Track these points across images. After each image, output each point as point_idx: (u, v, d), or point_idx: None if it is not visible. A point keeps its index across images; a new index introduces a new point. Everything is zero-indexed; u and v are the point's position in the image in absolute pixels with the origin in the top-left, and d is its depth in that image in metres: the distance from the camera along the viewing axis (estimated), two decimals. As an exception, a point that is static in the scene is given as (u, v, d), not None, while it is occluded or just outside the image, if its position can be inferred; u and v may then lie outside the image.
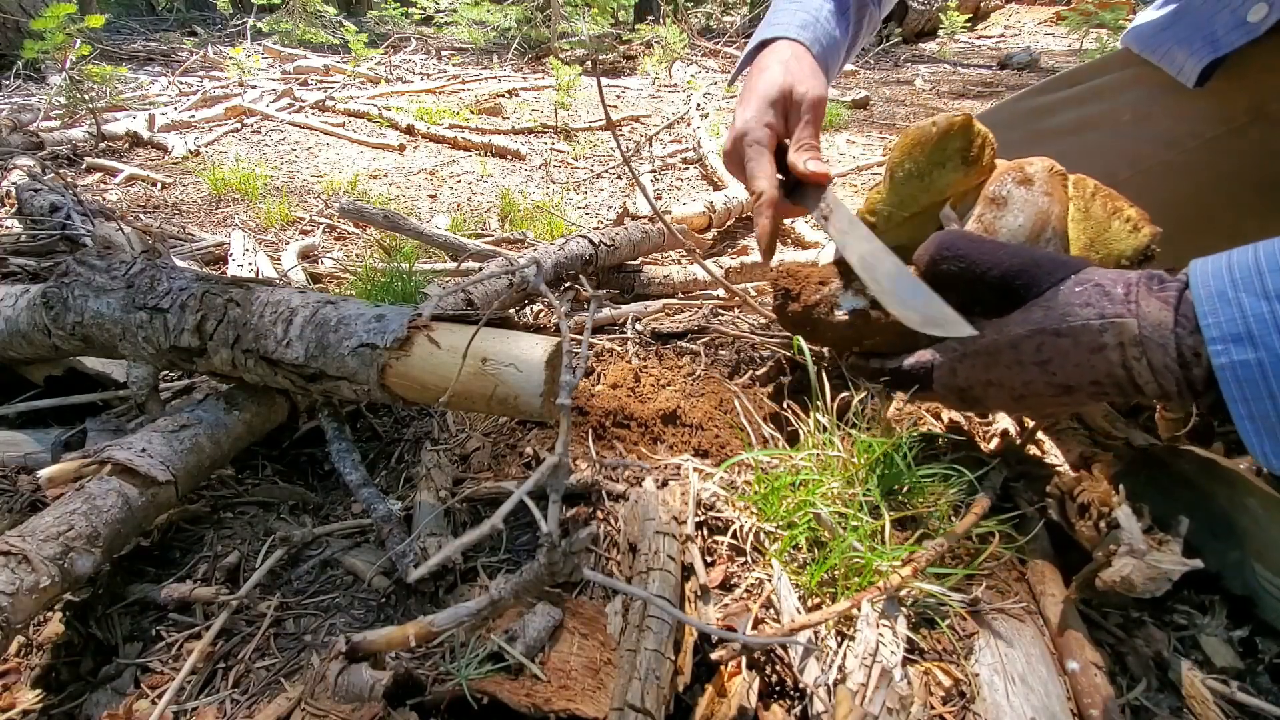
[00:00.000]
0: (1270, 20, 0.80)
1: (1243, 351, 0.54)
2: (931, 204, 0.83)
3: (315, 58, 5.10)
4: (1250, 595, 0.72)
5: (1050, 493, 0.76)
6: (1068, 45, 6.63)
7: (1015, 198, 0.79)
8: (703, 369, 1.17)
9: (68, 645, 0.71)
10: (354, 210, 1.71)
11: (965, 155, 0.80)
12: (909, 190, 0.83)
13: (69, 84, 2.92)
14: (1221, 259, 0.57)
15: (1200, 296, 0.56)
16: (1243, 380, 0.54)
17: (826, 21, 0.96)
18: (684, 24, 6.46)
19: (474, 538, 0.46)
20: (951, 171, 0.81)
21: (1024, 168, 0.81)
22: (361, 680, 0.59)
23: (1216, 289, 0.56)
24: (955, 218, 0.82)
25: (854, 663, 0.64)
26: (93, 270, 0.91)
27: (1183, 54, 0.90)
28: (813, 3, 0.97)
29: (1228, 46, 0.84)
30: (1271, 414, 0.54)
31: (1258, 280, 0.54)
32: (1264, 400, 0.54)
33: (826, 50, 0.95)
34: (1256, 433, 0.55)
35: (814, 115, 0.84)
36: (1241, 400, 0.55)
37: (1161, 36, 0.94)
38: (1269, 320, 0.52)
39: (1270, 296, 0.53)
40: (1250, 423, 0.55)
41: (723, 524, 0.82)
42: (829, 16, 0.97)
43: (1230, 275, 0.55)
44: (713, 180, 2.53)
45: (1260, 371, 0.53)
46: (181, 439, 0.82)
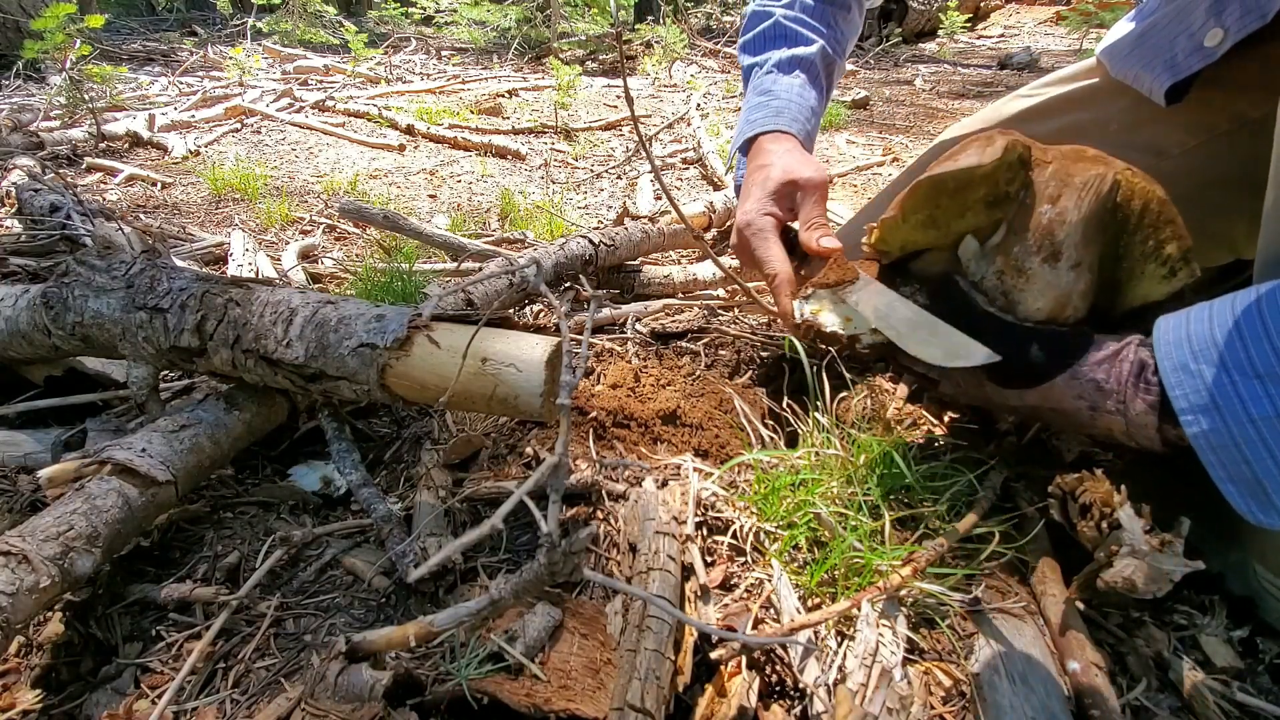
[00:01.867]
0: (1227, 44, 0.80)
1: (1211, 420, 0.57)
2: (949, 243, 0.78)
3: (315, 58, 5.10)
4: (1251, 596, 0.72)
5: (1052, 493, 0.76)
6: (1068, 45, 6.63)
7: (1039, 277, 0.71)
8: (703, 369, 1.17)
9: (68, 645, 0.71)
10: (354, 210, 1.71)
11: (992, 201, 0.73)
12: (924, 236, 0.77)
13: (69, 84, 2.92)
14: (1182, 326, 0.61)
15: (1165, 369, 0.60)
16: (1216, 446, 0.58)
17: (799, 98, 1.02)
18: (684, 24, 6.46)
19: (474, 538, 0.46)
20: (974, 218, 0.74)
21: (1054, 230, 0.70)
22: (361, 680, 0.59)
23: (1179, 361, 0.60)
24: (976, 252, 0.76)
25: (854, 663, 0.64)
26: (93, 270, 0.91)
27: (1147, 77, 0.91)
28: (781, 85, 1.03)
29: (1186, 70, 0.85)
30: (1248, 475, 0.57)
31: (1214, 351, 0.57)
32: (1240, 464, 0.57)
33: (807, 125, 1.01)
34: (1240, 494, 0.58)
35: (819, 197, 0.88)
36: (1219, 464, 0.58)
37: (1128, 59, 0.95)
38: (1230, 390, 0.56)
39: (1228, 369, 0.56)
40: (1232, 484, 0.58)
41: (723, 524, 0.82)
42: (800, 90, 1.02)
43: (1190, 347, 0.59)
44: (713, 180, 2.53)
45: (1230, 438, 0.57)
46: (181, 439, 0.82)
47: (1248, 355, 0.56)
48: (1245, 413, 0.55)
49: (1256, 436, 0.55)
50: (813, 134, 1.04)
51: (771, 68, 1.05)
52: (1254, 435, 0.55)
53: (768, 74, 1.05)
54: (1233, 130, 0.91)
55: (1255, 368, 0.55)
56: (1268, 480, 0.56)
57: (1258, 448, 0.55)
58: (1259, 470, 0.56)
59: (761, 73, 1.06)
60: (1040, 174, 0.72)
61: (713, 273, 1.53)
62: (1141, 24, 0.95)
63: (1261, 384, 0.55)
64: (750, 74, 1.09)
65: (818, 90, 1.05)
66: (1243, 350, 0.56)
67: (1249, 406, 0.55)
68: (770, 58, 1.06)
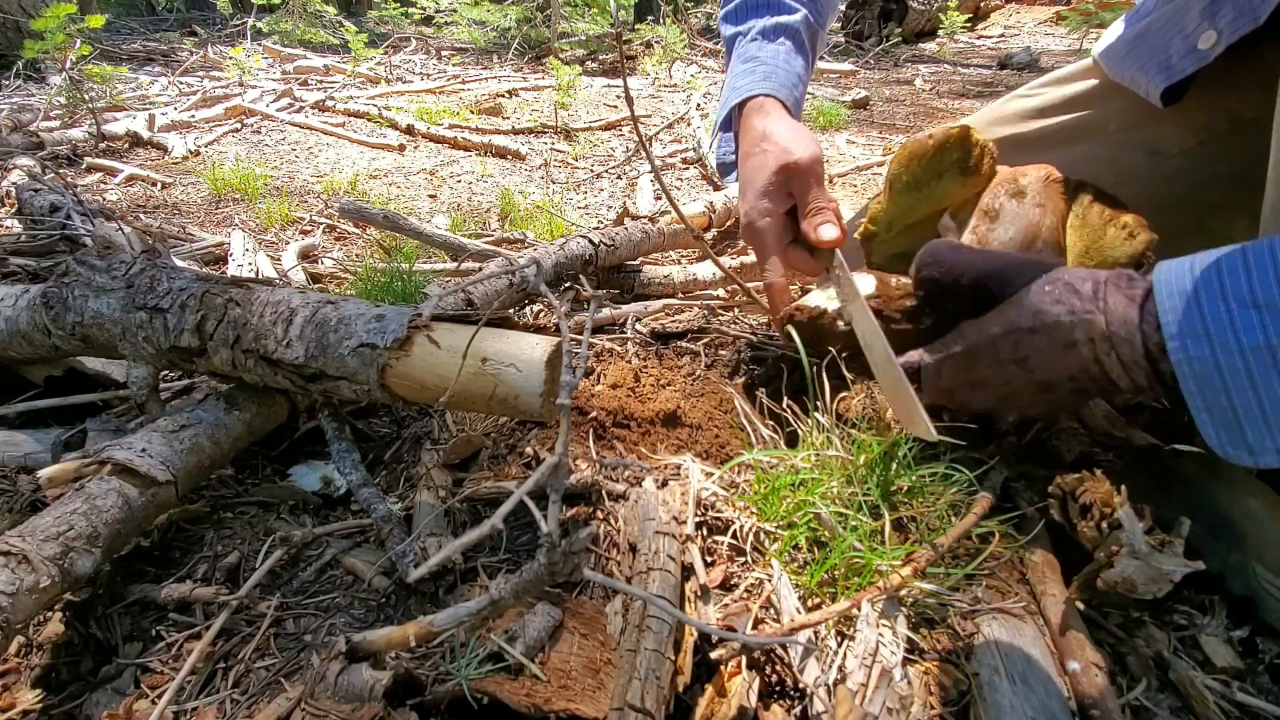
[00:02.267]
0: (1220, 47, 0.80)
1: (1199, 348, 0.56)
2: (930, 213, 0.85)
3: (315, 58, 5.10)
4: (1251, 596, 0.72)
5: (1052, 493, 0.76)
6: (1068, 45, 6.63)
7: (1007, 211, 0.81)
8: (703, 369, 1.17)
9: (68, 645, 0.71)
10: (354, 210, 1.71)
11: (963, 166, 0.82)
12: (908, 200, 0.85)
13: (69, 84, 2.92)
14: (1185, 261, 0.60)
15: (1162, 295, 0.59)
16: (1199, 375, 0.57)
17: (786, 64, 1.00)
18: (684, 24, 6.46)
19: (474, 538, 0.46)
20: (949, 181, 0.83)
21: (1018, 178, 0.82)
22: (361, 680, 0.59)
23: (1178, 288, 0.58)
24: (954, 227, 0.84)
25: (854, 663, 0.64)
26: (93, 270, 0.91)
27: (1143, 79, 0.91)
28: (766, 52, 1.01)
29: (1181, 73, 0.85)
30: (1225, 406, 0.56)
31: (1216, 281, 0.56)
32: (1218, 394, 0.56)
33: (794, 91, 0.99)
34: (1213, 424, 0.58)
35: (815, 179, 0.87)
36: (1198, 393, 0.57)
37: (1125, 62, 0.95)
38: (1224, 319, 0.55)
39: (1227, 298, 0.55)
40: (1206, 414, 0.58)
41: (723, 524, 0.82)
42: (787, 56, 1.01)
43: (1191, 275, 0.58)
44: (713, 180, 2.53)
45: (1215, 366, 0.56)
46: (181, 439, 0.82)
47: (1250, 286, 0.55)
48: (1236, 342, 0.55)
49: (1242, 367, 0.55)
50: (800, 101, 1.03)
51: (756, 35, 1.03)
52: (1240, 365, 0.55)
53: (752, 41, 1.03)
54: (1231, 130, 0.91)
55: (1255, 298, 0.54)
56: (1244, 414, 0.56)
57: (1241, 378, 0.55)
58: (1238, 402, 0.55)
59: (746, 41, 1.04)
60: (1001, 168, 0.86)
61: (713, 273, 1.53)
62: (1137, 26, 0.95)
63: (1259, 314, 0.54)
64: (734, 43, 1.07)
65: (804, 58, 1.04)
66: (1246, 281, 0.55)
67: (1241, 335, 0.54)
68: (754, 26, 1.04)
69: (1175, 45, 0.86)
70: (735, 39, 1.07)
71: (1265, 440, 0.56)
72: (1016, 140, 1.07)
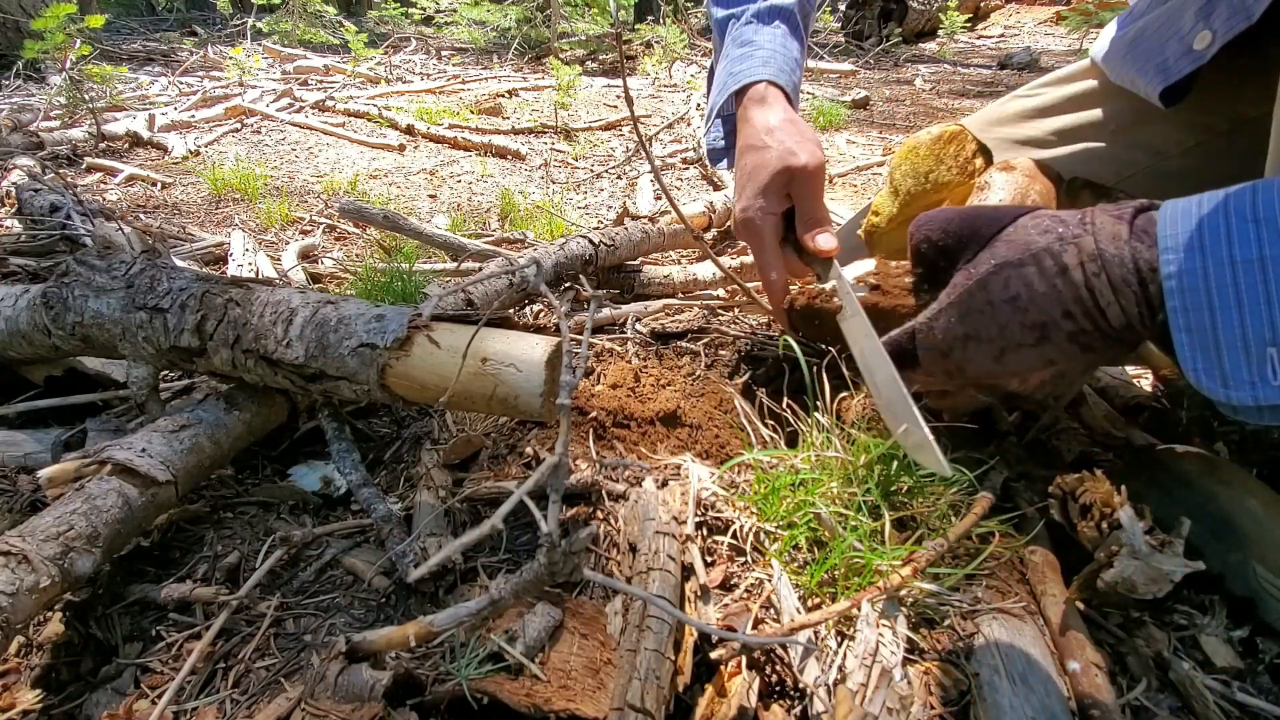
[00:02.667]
0: (1215, 47, 0.80)
1: (1191, 260, 0.55)
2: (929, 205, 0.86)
3: (315, 58, 5.10)
4: (1251, 597, 0.72)
5: (1052, 493, 0.76)
6: (1068, 45, 6.63)
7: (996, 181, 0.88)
8: (703, 369, 1.17)
9: (68, 645, 0.71)
10: (354, 210, 1.71)
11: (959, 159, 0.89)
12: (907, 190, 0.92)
13: (69, 84, 2.92)
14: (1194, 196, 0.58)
15: (1165, 218, 0.57)
16: (1186, 289, 0.55)
17: (783, 48, 0.98)
18: (684, 24, 6.46)
19: (474, 538, 0.46)
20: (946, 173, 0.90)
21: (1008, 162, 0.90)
22: (361, 680, 0.59)
23: (1182, 212, 0.57)
24: None
25: (854, 663, 0.64)
26: (93, 270, 0.91)
27: (1142, 81, 0.91)
28: (763, 35, 0.99)
29: (1178, 74, 0.85)
30: (1207, 326, 0.54)
31: (1220, 203, 0.55)
32: (1202, 311, 0.54)
33: (792, 76, 0.98)
34: (1190, 347, 0.55)
35: (815, 186, 0.86)
36: (1182, 310, 0.55)
37: (1123, 63, 0.95)
38: (1221, 232, 0.53)
39: (1229, 214, 0.54)
40: (1186, 334, 0.55)
41: (723, 524, 0.82)
42: (784, 40, 0.99)
43: (1198, 203, 0.57)
44: (712, 180, 2.53)
45: (1204, 280, 0.54)
46: (181, 439, 0.82)
47: (1253, 203, 0.53)
48: (1229, 254, 0.53)
49: (1230, 281, 0.53)
50: (798, 87, 1.01)
51: (750, 18, 1.01)
52: (1228, 279, 0.53)
53: (747, 24, 1.01)
54: (1231, 129, 0.91)
55: (1256, 214, 0.53)
56: (1225, 336, 0.54)
57: (1227, 294, 0.53)
58: (1220, 321, 0.54)
59: (739, 24, 1.02)
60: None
61: (713, 273, 1.53)
62: (1133, 28, 0.95)
63: (1256, 227, 0.52)
64: (726, 26, 1.05)
65: (799, 41, 1.02)
66: (1250, 200, 0.54)
67: (1235, 248, 0.53)
68: (747, 9, 1.02)
69: (1171, 46, 0.86)
70: (728, 21, 1.04)
71: (1241, 370, 0.54)
72: (1017, 140, 1.07)
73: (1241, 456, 0.89)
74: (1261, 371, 0.53)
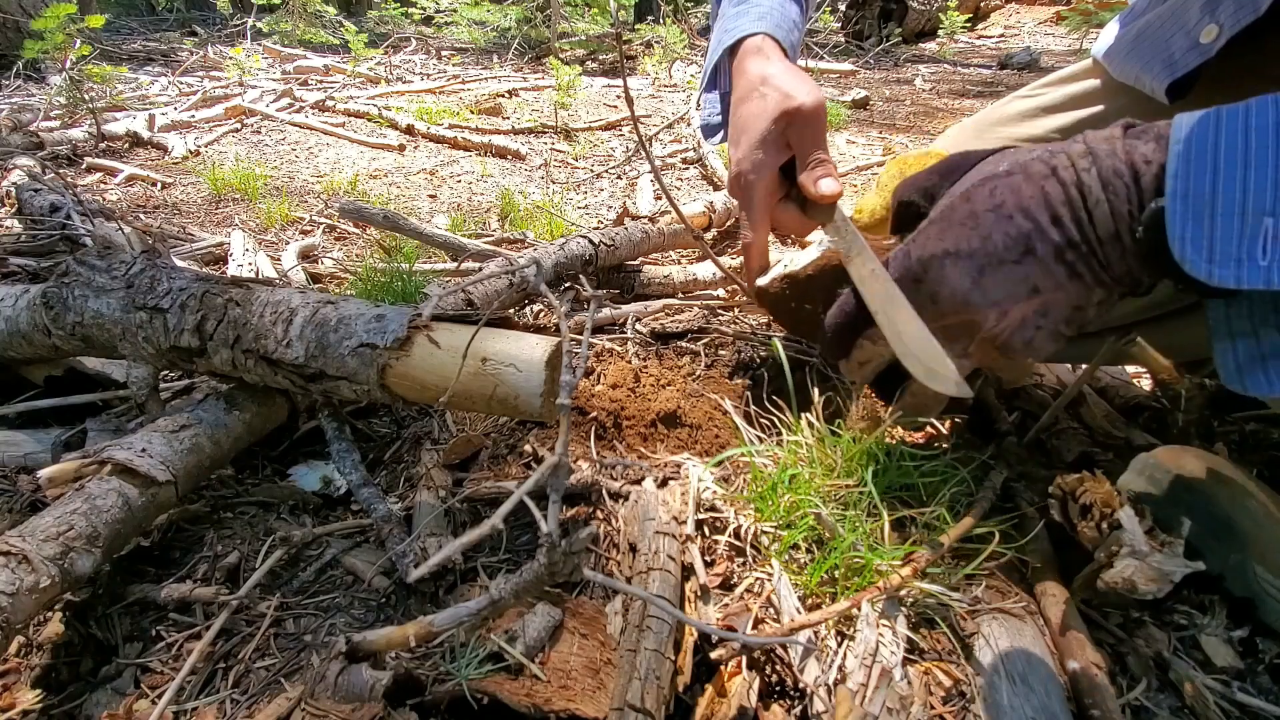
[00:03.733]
0: (1221, 40, 0.80)
1: (1204, 127, 0.52)
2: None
3: (315, 58, 5.10)
4: (1251, 597, 0.72)
5: (1052, 493, 0.76)
6: (1068, 45, 6.63)
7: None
8: (703, 369, 1.17)
9: (68, 645, 0.71)
10: (354, 210, 1.71)
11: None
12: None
13: (69, 84, 2.92)
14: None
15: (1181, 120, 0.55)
16: (1193, 155, 0.52)
17: (781, 6, 0.93)
18: (684, 24, 6.46)
19: (474, 538, 0.46)
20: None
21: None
22: (361, 680, 0.59)
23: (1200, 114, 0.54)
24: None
25: (854, 663, 0.64)
26: (93, 270, 0.91)
27: (1147, 77, 0.90)
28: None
29: (1184, 68, 0.84)
30: (1206, 189, 0.52)
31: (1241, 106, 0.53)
32: (1204, 175, 0.52)
33: (789, 35, 0.91)
34: (1183, 214, 0.52)
35: (817, 128, 0.80)
36: (1182, 175, 0.52)
37: (1127, 60, 0.95)
38: (1239, 110, 0.52)
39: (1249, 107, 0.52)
40: (1181, 201, 0.52)
41: (722, 524, 0.82)
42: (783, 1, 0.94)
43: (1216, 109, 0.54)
44: (713, 180, 2.53)
45: (1214, 142, 0.52)
46: (181, 439, 0.82)
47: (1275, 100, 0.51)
48: (1243, 122, 0.51)
49: (1240, 145, 0.51)
50: (797, 48, 0.95)
51: None
52: (1239, 144, 0.51)
53: None
54: None
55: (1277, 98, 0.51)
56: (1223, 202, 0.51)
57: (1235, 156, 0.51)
58: (1222, 186, 0.51)
59: None
60: None
61: (713, 273, 1.53)
62: (1136, 25, 0.95)
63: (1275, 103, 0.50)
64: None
65: (798, 6, 0.97)
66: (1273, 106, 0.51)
67: (1251, 117, 0.51)
68: None
69: (1177, 41, 0.86)
70: None
71: (1231, 242, 0.51)
72: (1019, 139, 1.07)
73: (1241, 456, 0.89)
74: (1251, 248, 0.51)
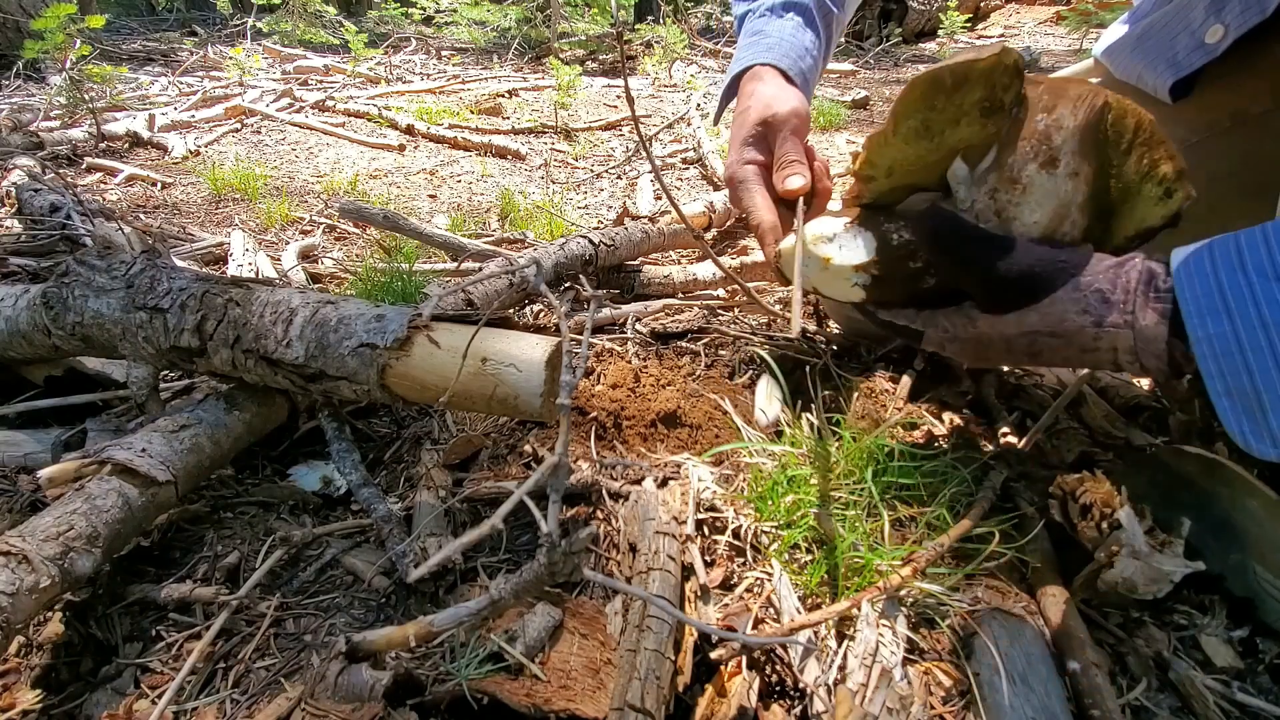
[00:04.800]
0: (1227, 41, 0.80)
1: (1219, 324, 0.54)
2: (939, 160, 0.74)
3: (315, 58, 5.10)
4: (1251, 597, 0.72)
5: (1052, 493, 0.76)
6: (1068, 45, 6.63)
7: (1036, 185, 0.68)
8: (703, 369, 1.17)
9: (68, 645, 0.71)
10: (354, 210, 1.71)
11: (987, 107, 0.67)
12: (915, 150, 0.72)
13: (69, 84, 2.92)
14: (1203, 244, 0.59)
15: (1180, 275, 0.57)
16: (1219, 353, 0.54)
17: (792, 36, 0.99)
18: (684, 24, 6.46)
19: (474, 538, 0.46)
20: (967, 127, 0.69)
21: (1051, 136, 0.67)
22: (361, 680, 0.59)
23: (1195, 268, 0.57)
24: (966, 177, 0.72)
25: (854, 663, 0.64)
26: (93, 270, 0.90)
27: (1150, 76, 0.91)
28: (772, 26, 1.01)
29: (1188, 68, 0.85)
30: (1247, 387, 0.53)
31: (1235, 257, 0.55)
32: (1240, 374, 0.54)
33: (799, 62, 0.97)
34: (1233, 410, 0.55)
35: (791, 131, 0.86)
36: (1218, 375, 0.55)
37: (1131, 58, 0.95)
38: (1245, 291, 0.53)
39: (1248, 270, 0.53)
40: (1227, 399, 0.55)
41: (722, 524, 0.82)
42: (794, 30, 1.00)
43: (1210, 254, 0.57)
44: (713, 180, 2.53)
45: (1236, 343, 0.53)
46: (181, 439, 0.82)
47: (1271, 259, 0.53)
48: (1258, 316, 0.52)
49: (1265, 343, 0.52)
50: (807, 73, 0.99)
51: (764, 11, 1.03)
52: (1263, 341, 0.52)
53: (760, 17, 1.03)
54: (1233, 126, 0.91)
55: (1277, 270, 0.52)
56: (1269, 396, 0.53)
57: (1264, 356, 0.52)
58: (1261, 381, 0.53)
59: (754, 17, 1.04)
60: (1033, 90, 0.69)
61: (713, 273, 1.53)
62: (1140, 24, 0.95)
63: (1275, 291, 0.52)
64: (743, 21, 1.07)
65: (814, 32, 1.03)
66: (1267, 254, 0.53)
67: (1264, 309, 0.52)
68: (763, 3, 1.04)
69: (1182, 41, 0.86)
70: (745, 17, 1.07)
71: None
72: None
73: (1242, 457, 0.89)
74: None
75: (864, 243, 0.76)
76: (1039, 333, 0.65)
